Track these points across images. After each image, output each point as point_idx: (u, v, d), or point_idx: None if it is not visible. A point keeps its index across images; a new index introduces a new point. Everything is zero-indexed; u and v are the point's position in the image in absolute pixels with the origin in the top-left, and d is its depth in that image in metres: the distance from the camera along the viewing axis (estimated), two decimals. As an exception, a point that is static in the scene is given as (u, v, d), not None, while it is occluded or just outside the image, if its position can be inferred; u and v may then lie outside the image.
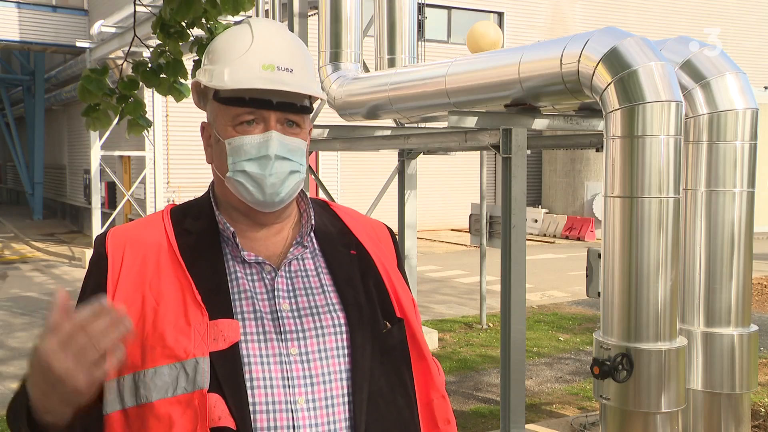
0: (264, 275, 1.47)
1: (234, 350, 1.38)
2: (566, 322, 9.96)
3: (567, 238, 19.65)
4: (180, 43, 3.92)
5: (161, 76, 3.94)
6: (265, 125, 1.44)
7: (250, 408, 1.37)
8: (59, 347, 1.21)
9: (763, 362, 7.83)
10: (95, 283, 1.46)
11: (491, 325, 9.67)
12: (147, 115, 4.13)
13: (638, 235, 3.86)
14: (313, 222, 1.54)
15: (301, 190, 1.56)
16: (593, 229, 19.23)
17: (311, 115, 1.56)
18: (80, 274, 14.10)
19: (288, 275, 1.49)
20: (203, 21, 3.78)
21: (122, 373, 1.38)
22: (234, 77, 1.43)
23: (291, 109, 1.46)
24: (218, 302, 1.41)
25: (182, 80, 4.02)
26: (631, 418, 3.92)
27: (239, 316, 1.42)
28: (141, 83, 4.03)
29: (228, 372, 1.36)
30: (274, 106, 1.44)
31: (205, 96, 1.52)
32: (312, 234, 1.54)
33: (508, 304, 5.12)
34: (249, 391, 1.38)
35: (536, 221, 20.45)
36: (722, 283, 4.41)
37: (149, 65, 3.95)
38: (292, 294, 1.47)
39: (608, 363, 3.85)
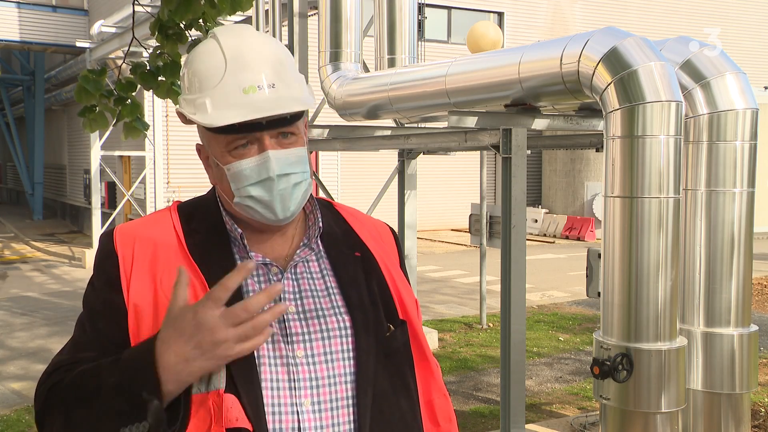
0: (270, 277, 1.47)
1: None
2: (566, 322, 9.96)
3: (567, 238, 19.64)
4: (178, 45, 3.92)
5: (159, 78, 3.93)
6: (260, 146, 1.42)
7: (263, 409, 1.36)
8: (224, 320, 1.25)
9: (763, 362, 7.83)
10: (106, 279, 1.45)
11: (491, 325, 9.67)
12: (147, 115, 4.13)
13: (638, 235, 3.85)
14: (320, 224, 1.53)
15: None
16: (593, 229, 19.22)
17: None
18: (80, 274, 14.10)
19: (294, 277, 1.48)
20: (201, 22, 3.77)
21: None
22: (217, 110, 1.39)
23: (283, 123, 1.42)
24: (232, 302, 1.38)
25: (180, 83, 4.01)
26: (631, 418, 3.92)
27: None
28: (139, 85, 4.02)
29: (244, 372, 1.36)
30: (265, 126, 1.41)
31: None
32: (318, 236, 1.54)
33: (508, 304, 5.12)
34: None
35: (536, 221, 20.44)
36: (722, 283, 4.40)
37: (147, 67, 3.94)
38: (298, 296, 1.47)
39: (608, 363, 3.85)
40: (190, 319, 1.25)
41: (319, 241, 1.54)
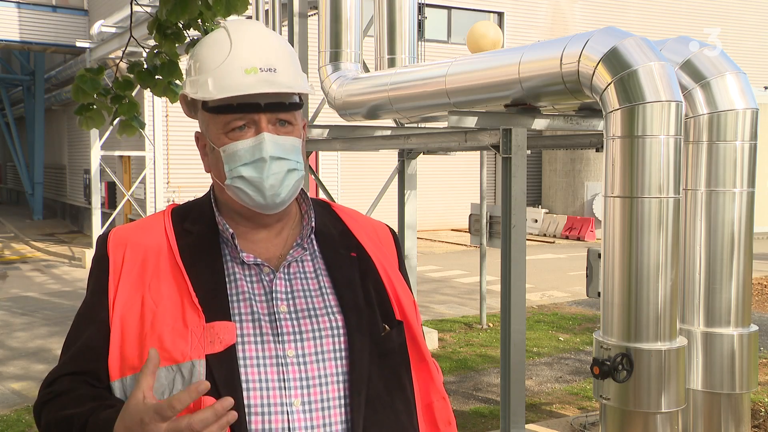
0: (262, 277, 1.47)
1: (230, 352, 1.39)
2: (566, 322, 9.96)
3: (567, 238, 19.64)
4: (176, 45, 3.92)
5: (156, 77, 3.94)
6: (257, 128, 1.44)
7: (245, 410, 1.37)
8: None
9: (763, 362, 7.83)
10: (96, 284, 1.48)
11: (491, 325, 9.67)
12: (147, 115, 4.14)
13: (638, 235, 3.85)
14: (313, 224, 1.54)
15: (302, 190, 1.55)
16: (593, 229, 19.22)
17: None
18: (80, 274, 14.10)
19: (286, 277, 1.49)
20: (199, 22, 3.77)
21: (124, 374, 1.40)
22: (218, 86, 1.42)
23: (280, 108, 1.45)
24: (216, 304, 1.41)
25: (177, 81, 4.02)
26: (631, 418, 3.92)
27: (236, 318, 1.42)
28: (137, 84, 4.02)
29: (224, 374, 1.37)
30: (263, 108, 1.43)
31: (194, 106, 1.52)
32: (312, 236, 1.54)
33: (508, 304, 5.12)
34: (244, 393, 1.38)
35: (536, 221, 20.44)
36: (722, 283, 4.40)
37: (144, 66, 3.94)
38: (290, 296, 1.47)
39: (608, 363, 3.85)
40: (138, 427, 1.26)
41: (314, 241, 1.54)
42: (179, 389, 1.36)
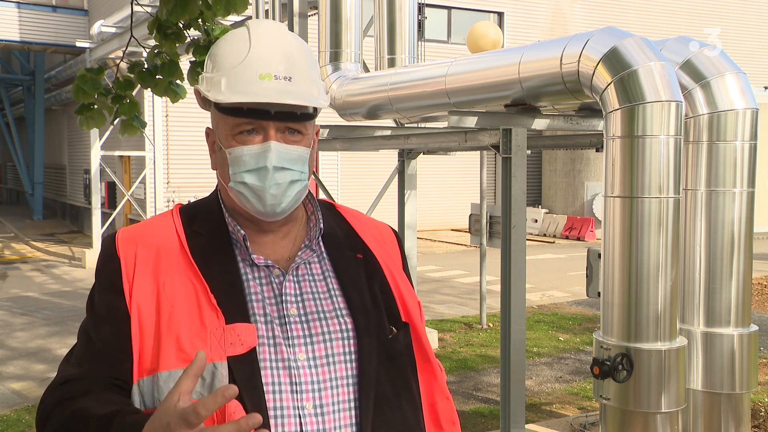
0: (272, 279, 1.46)
1: (252, 355, 1.37)
2: (566, 322, 9.96)
3: (567, 238, 19.64)
4: (177, 45, 3.92)
5: (157, 77, 3.94)
6: (265, 135, 1.42)
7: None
8: None
9: (763, 362, 7.83)
10: (108, 283, 1.44)
11: (491, 325, 9.67)
12: (147, 115, 4.14)
13: (638, 235, 3.85)
14: (321, 226, 1.53)
15: (309, 192, 1.54)
16: (593, 229, 19.22)
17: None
18: (80, 274, 14.10)
19: (296, 279, 1.48)
20: (199, 22, 3.78)
21: (141, 375, 1.37)
22: (231, 89, 1.41)
23: (290, 118, 1.43)
24: (234, 305, 1.39)
25: (178, 81, 4.01)
26: (631, 418, 3.92)
27: (252, 320, 1.41)
28: (137, 84, 4.02)
29: (246, 377, 1.35)
30: (273, 117, 1.41)
31: (207, 101, 1.50)
32: (319, 238, 1.54)
33: (508, 304, 5.12)
34: None
35: (536, 221, 20.44)
36: (722, 283, 4.40)
37: (145, 66, 3.95)
38: (299, 299, 1.46)
39: (608, 363, 3.85)
40: (164, 431, 1.21)
41: (321, 243, 1.54)
42: (199, 392, 1.33)
